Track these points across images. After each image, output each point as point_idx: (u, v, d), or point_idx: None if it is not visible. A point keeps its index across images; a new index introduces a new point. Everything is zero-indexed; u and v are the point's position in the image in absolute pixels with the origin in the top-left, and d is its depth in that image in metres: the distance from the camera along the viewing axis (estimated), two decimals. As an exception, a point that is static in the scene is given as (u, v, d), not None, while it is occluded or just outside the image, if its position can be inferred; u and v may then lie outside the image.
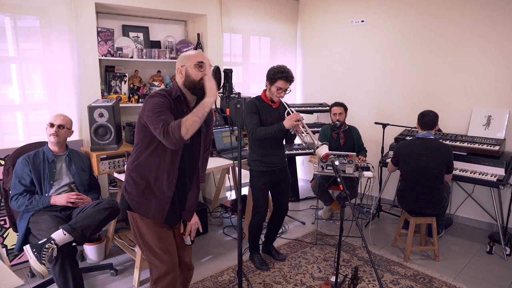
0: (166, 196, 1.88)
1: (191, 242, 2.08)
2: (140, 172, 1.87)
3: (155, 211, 1.87)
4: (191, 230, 2.06)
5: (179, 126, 1.64)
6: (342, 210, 2.44)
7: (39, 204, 2.43)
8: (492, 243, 3.26)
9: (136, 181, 1.88)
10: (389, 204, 4.42)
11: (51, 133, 2.53)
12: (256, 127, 2.69)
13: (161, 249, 1.90)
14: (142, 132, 1.83)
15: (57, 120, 2.56)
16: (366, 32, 4.46)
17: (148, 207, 1.88)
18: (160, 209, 1.88)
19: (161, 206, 1.88)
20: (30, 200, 2.42)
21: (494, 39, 3.54)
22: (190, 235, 2.06)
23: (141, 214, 1.89)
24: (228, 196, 4.57)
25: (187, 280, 2.19)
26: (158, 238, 1.90)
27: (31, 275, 2.79)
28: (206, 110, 1.71)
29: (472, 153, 3.42)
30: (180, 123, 1.65)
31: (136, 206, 1.89)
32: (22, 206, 2.40)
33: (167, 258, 1.91)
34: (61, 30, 3.16)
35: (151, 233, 1.90)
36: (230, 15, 4.34)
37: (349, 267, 3.01)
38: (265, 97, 2.81)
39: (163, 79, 3.91)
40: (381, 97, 4.42)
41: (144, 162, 1.86)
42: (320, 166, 3.25)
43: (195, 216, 2.09)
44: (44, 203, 2.44)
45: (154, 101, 1.75)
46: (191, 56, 1.83)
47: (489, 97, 3.63)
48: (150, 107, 1.74)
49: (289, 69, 2.69)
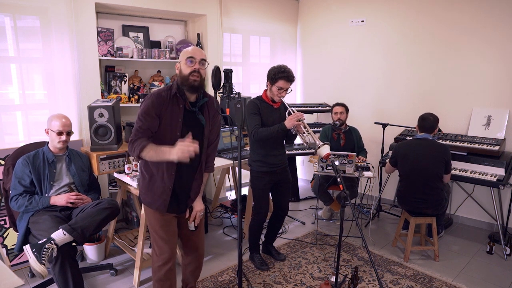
0: (166, 188, 2.02)
1: (194, 228, 2.20)
2: (145, 165, 2.04)
3: (157, 202, 2.04)
4: (195, 216, 2.18)
5: (141, 149, 1.84)
6: (342, 210, 2.44)
7: (39, 204, 2.43)
8: (492, 243, 3.26)
9: (143, 174, 2.06)
10: (389, 204, 4.42)
11: (60, 141, 2.52)
12: (257, 128, 2.68)
13: (162, 238, 2.08)
14: None
15: (65, 127, 2.53)
16: (366, 32, 4.46)
17: (152, 199, 2.05)
18: (162, 200, 2.03)
19: (162, 198, 2.03)
20: (29, 200, 2.41)
21: (494, 39, 3.54)
22: (195, 221, 2.18)
23: (147, 205, 2.08)
24: (228, 196, 4.57)
25: (197, 267, 2.34)
26: (160, 227, 2.08)
27: (31, 275, 2.79)
28: (163, 158, 1.82)
29: (472, 153, 3.42)
30: (143, 149, 1.84)
31: (143, 197, 2.09)
32: (22, 206, 2.40)
33: (167, 248, 2.08)
34: (61, 30, 3.16)
35: (155, 222, 2.08)
36: (230, 15, 4.34)
37: (349, 267, 3.01)
38: (266, 97, 2.80)
39: (163, 79, 3.91)
40: (381, 97, 4.42)
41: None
42: (320, 166, 3.25)
43: (201, 203, 2.21)
44: (44, 203, 2.43)
45: (146, 104, 1.93)
46: (185, 52, 1.95)
47: (489, 97, 3.63)
48: (140, 110, 1.93)
49: (290, 69, 2.69)
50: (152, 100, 1.92)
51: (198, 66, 1.92)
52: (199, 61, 1.93)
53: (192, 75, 1.90)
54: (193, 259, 2.30)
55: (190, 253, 2.29)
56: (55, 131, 2.50)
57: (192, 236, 2.24)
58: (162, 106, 1.92)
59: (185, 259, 2.33)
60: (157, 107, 1.91)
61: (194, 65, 1.91)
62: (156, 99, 1.92)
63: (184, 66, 1.93)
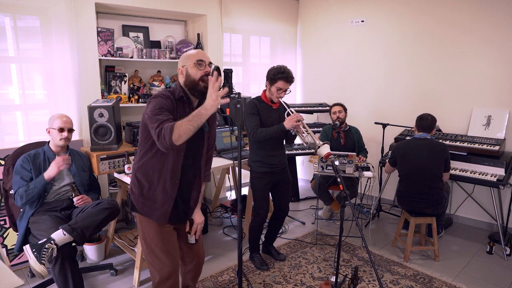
0: (169, 197, 1.88)
1: (195, 241, 2.08)
2: (145, 172, 1.87)
3: (158, 212, 1.88)
4: (197, 229, 2.06)
5: (171, 130, 1.60)
6: (342, 210, 2.44)
7: (36, 184, 2.38)
8: (492, 243, 3.26)
9: (141, 181, 1.88)
10: (389, 204, 4.42)
11: (62, 138, 2.51)
12: (256, 129, 2.68)
13: (163, 251, 1.90)
14: (145, 132, 1.82)
15: (67, 124, 2.53)
16: (366, 32, 4.46)
17: (151, 208, 1.88)
18: (163, 211, 1.88)
19: (164, 208, 1.88)
20: (26, 186, 2.38)
21: (494, 39, 3.53)
22: (196, 234, 2.07)
23: (145, 215, 1.90)
24: (228, 196, 4.57)
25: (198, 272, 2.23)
26: (161, 240, 1.91)
27: (31, 275, 2.79)
28: (202, 120, 1.63)
29: (472, 153, 3.42)
30: (173, 128, 1.60)
31: (140, 207, 1.90)
32: (23, 195, 2.37)
33: (168, 262, 1.91)
34: (61, 30, 3.16)
35: (154, 234, 1.90)
36: (230, 15, 4.34)
37: (349, 267, 3.01)
38: (265, 98, 2.80)
39: (163, 79, 3.91)
40: (381, 97, 4.42)
41: (148, 163, 1.86)
42: (320, 166, 3.25)
43: (201, 215, 2.09)
44: (40, 182, 2.38)
45: (156, 101, 1.75)
46: (191, 56, 1.83)
47: (489, 97, 3.63)
48: (151, 107, 1.74)
49: (289, 70, 2.69)
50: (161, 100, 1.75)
51: (208, 69, 1.81)
52: (208, 64, 1.83)
53: (203, 79, 1.79)
54: (193, 267, 2.19)
55: (191, 262, 2.17)
56: (56, 128, 2.51)
57: (193, 246, 2.13)
58: (172, 109, 1.78)
59: (185, 267, 2.20)
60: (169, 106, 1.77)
61: (204, 68, 1.81)
62: (165, 100, 1.76)
63: (193, 70, 1.80)
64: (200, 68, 1.80)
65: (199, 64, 1.80)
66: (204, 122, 1.65)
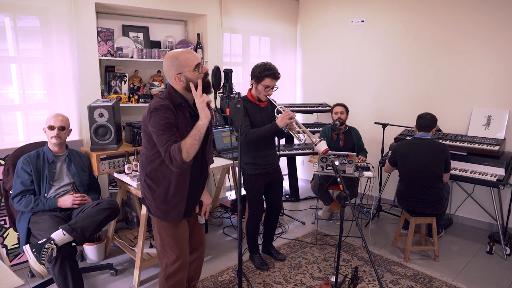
0: (181, 198, 1.96)
1: (204, 221, 2.21)
2: (155, 178, 1.93)
3: (172, 213, 1.96)
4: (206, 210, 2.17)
5: (180, 150, 1.70)
6: (342, 210, 2.44)
7: (46, 206, 2.44)
8: (492, 243, 3.25)
9: (152, 187, 1.95)
10: (389, 204, 4.42)
11: (53, 136, 2.51)
12: (248, 129, 2.63)
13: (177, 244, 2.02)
14: (152, 141, 1.86)
15: (57, 121, 2.53)
16: (366, 32, 4.46)
17: (165, 211, 1.96)
18: (177, 211, 1.97)
19: (178, 208, 1.96)
20: (36, 202, 2.42)
21: (494, 39, 3.53)
22: (205, 215, 2.18)
23: (160, 218, 1.98)
24: (228, 196, 4.57)
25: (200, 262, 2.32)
26: (177, 237, 2.02)
27: (31, 275, 2.79)
28: (202, 132, 1.76)
29: (472, 153, 3.42)
30: (181, 148, 1.71)
31: (154, 211, 1.98)
32: (28, 207, 2.40)
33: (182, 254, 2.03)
34: (61, 30, 3.16)
35: (171, 234, 2.00)
36: (230, 15, 4.34)
37: (349, 267, 3.01)
38: (252, 97, 2.74)
39: (163, 79, 3.91)
40: (381, 97, 4.42)
41: (158, 169, 1.91)
42: (320, 166, 3.25)
43: (209, 197, 2.21)
44: (50, 205, 2.45)
45: (159, 116, 1.77)
46: (186, 62, 1.81)
47: (489, 97, 3.63)
48: (155, 123, 1.77)
49: (274, 66, 2.63)
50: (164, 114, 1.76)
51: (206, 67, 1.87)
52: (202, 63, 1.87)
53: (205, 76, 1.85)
54: (198, 256, 2.28)
55: (196, 250, 2.26)
56: (46, 126, 2.53)
57: (197, 232, 2.22)
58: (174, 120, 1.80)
59: (190, 256, 2.26)
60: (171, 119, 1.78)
61: (203, 69, 1.84)
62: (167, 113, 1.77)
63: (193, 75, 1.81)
64: (199, 71, 1.84)
65: (197, 68, 1.83)
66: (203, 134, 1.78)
